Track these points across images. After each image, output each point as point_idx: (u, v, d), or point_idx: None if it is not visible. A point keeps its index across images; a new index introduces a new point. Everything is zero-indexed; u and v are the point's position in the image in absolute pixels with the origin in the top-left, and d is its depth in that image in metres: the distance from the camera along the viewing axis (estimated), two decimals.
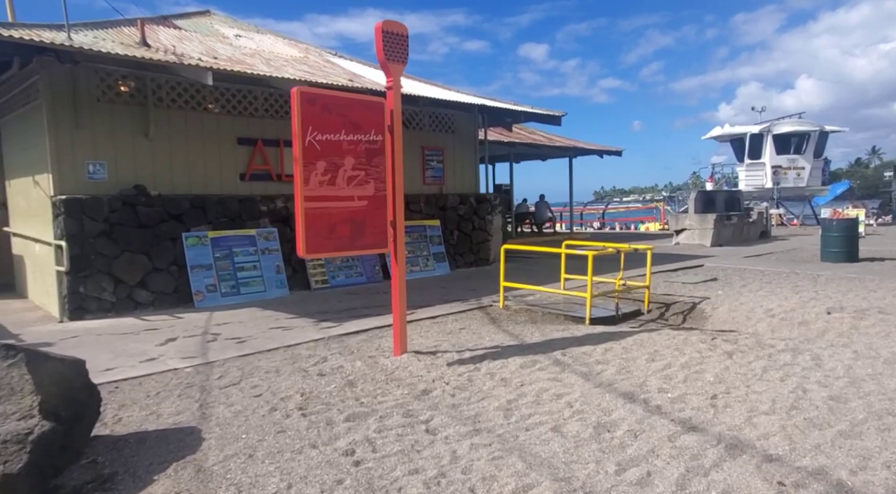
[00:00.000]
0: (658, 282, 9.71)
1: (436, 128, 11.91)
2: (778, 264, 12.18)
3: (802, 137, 24.90)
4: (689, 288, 9.10)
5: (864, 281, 9.26)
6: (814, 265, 11.81)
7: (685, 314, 7.52)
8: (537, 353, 5.30)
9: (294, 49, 11.50)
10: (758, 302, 7.61)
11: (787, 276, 10.22)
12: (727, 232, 17.34)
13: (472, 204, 12.21)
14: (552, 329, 6.49)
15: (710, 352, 5.13)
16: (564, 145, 20.68)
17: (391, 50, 5.06)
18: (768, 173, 24.76)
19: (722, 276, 10.37)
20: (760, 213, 19.29)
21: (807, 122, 25.61)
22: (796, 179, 25.00)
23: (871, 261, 12.03)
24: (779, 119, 26.09)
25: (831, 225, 12.44)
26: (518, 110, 11.83)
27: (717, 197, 18.48)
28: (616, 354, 5.16)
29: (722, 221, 17.07)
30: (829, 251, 12.30)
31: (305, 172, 4.60)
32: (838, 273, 10.41)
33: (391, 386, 4.56)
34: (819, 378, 4.44)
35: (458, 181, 12.41)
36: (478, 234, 12.30)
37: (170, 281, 8.04)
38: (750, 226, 18.53)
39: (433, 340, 6.05)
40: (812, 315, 6.62)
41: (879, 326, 5.99)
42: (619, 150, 21.63)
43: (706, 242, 16.75)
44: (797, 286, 8.97)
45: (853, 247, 12.26)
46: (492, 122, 13.48)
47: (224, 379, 4.84)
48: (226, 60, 8.58)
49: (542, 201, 22.56)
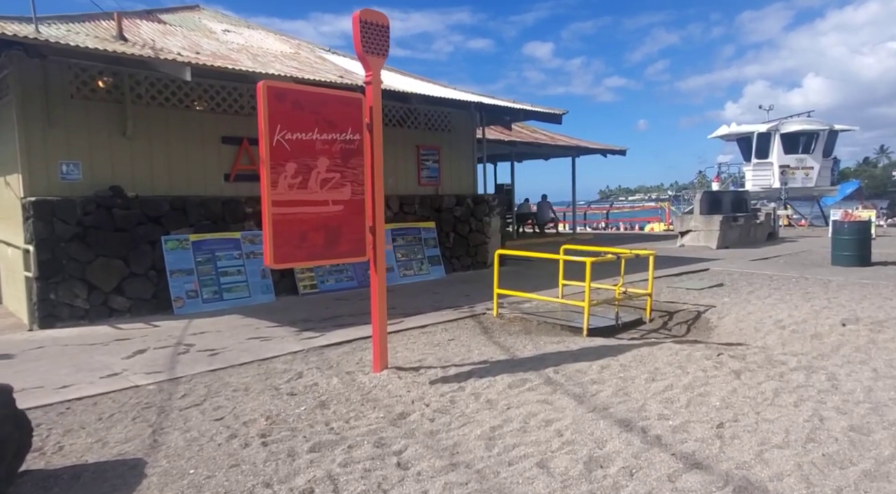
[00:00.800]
0: (661, 288, 9.29)
1: (432, 126, 11.51)
2: (787, 268, 11.72)
3: (811, 136, 24.34)
4: (694, 294, 8.68)
5: (879, 288, 8.82)
6: (824, 269, 11.35)
7: (689, 324, 7.10)
8: (528, 370, 4.90)
9: (285, 45, 11.13)
10: (767, 311, 7.19)
11: (797, 282, 9.77)
12: (733, 233, 16.88)
13: (470, 205, 11.81)
14: (547, 341, 6.08)
15: (715, 371, 4.72)
16: (567, 144, 20.24)
17: (370, 41, 4.67)
18: (776, 173, 24.22)
19: (728, 281, 9.93)
20: (768, 214, 18.81)
21: (816, 121, 25.05)
22: (804, 179, 24.45)
23: (884, 266, 11.56)
24: (787, 118, 25.52)
25: (842, 227, 11.98)
26: (517, 108, 11.42)
27: (724, 197, 18.00)
28: (613, 372, 4.75)
29: (728, 223, 16.60)
30: (841, 254, 11.84)
31: (273, 175, 4.21)
32: (850, 278, 9.96)
33: (366, 408, 4.17)
34: (837, 403, 4.03)
35: (455, 181, 12.01)
36: (475, 237, 11.89)
37: (148, 286, 7.67)
38: (757, 227, 18.06)
39: (418, 353, 5.65)
40: (825, 326, 6.19)
41: None
42: (623, 150, 21.18)
43: (712, 244, 16.29)
44: (808, 292, 8.54)
45: (865, 250, 11.80)
46: (490, 121, 13.07)
47: (187, 398, 4.46)
48: (208, 56, 8.20)
49: (545, 201, 22.14)
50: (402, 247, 10.60)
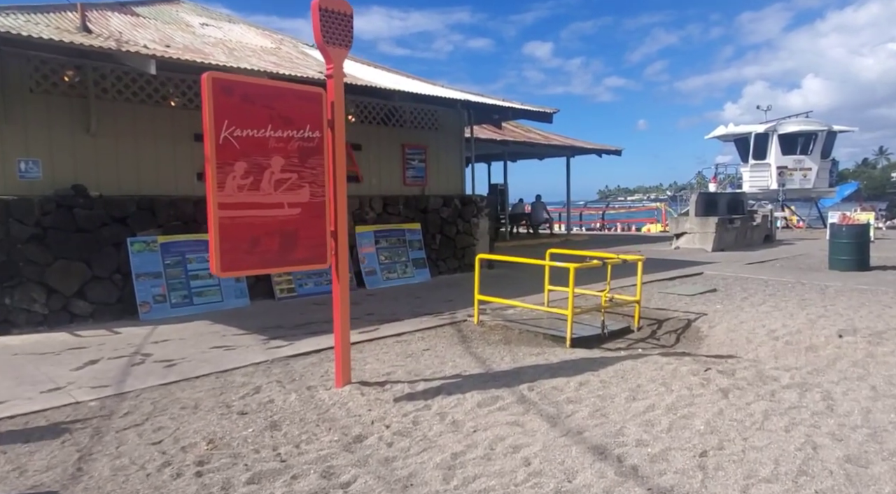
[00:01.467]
0: (652, 293, 8.96)
1: (418, 124, 11.16)
2: (783, 272, 11.39)
3: (809, 137, 24.02)
4: (686, 301, 8.34)
5: (878, 295, 8.49)
6: (821, 274, 11.03)
7: (679, 333, 6.77)
8: (501, 386, 4.56)
9: (266, 40, 10.77)
10: (760, 319, 6.85)
11: (793, 287, 9.44)
12: (729, 236, 16.55)
13: (457, 206, 11.46)
14: (526, 352, 5.74)
15: (701, 389, 4.38)
16: (561, 144, 19.91)
17: (331, 31, 4.32)
18: (773, 174, 23.90)
19: (722, 287, 9.60)
20: (765, 216, 18.48)
21: (814, 122, 24.74)
22: (802, 181, 24.14)
23: (883, 271, 11.24)
24: (785, 118, 25.20)
25: (840, 230, 11.66)
26: (505, 106, 11.07)
27: (720, 199, 17.67)
28: (592, 390, 4.41)
29: (724, 225, 16.27)
30: (838, 259, 11.52)
31: (220, 175, 3.85)
32: (848, 283, 9.63)
33: (320, 430, 3.83)
34: (832, 427, 3.69)
35: (442, 181, 11.66)
36: (462, 238, 11.55)
37: (112, 290, 7.32)
38: (754, 229, 17.74)
39: (388, 365, 5.31)
40: (821, 338, 5.86)
41: None
42: (619, 150, 20.84)
43: (707, 247, 15.97)
44: (804, 299, 8.21)
45: (864, 254, 11.48)
46: (479, 119, 12.71)
47: (129, 416, 4.11)
48: (180, 49, 7.85)
49: (539, 201, 21.80)
50: (385, 250, 10.25)
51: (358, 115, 10.27)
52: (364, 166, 10.38)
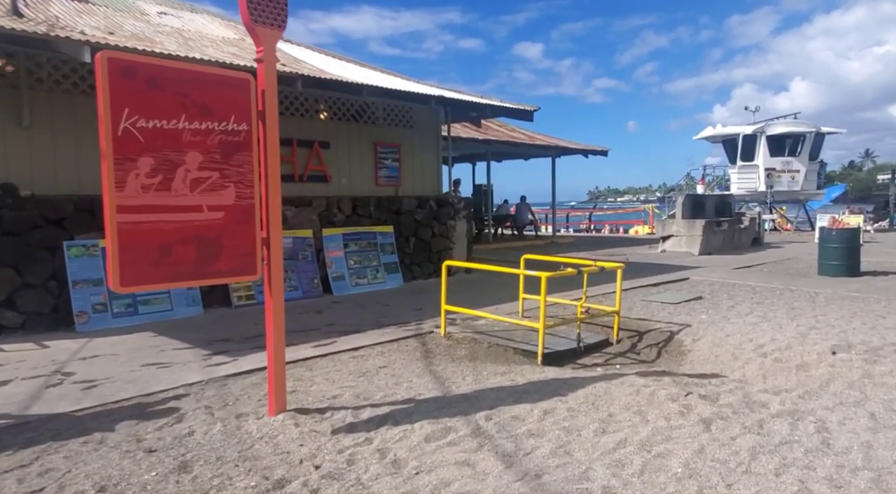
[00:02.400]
0: (634, 301, 8.47)
1: (391, 122, 10.61)
2: (771, 278, 10.97)
3: (797, 139, 23.72)
4: (669, 310, 7.85)
5: (870, 303, 8.05)
6: (811, 280, 10.61)
7: (660, 347, 6.27)
8: (456, 414, 4.02)
9: (230, 31, 10.17)
10: (747, 332, 6.36)
11: (782, 294, 9.00)
12: (716, 239, 16.15)
13: (433, 207, 10.92)
14: (492, 371, 5.21)
15: (681, 419, 3.86)
16: (546, 144, 19.43)
17: (260, 9, 3.77)
18: (761, 176, 23.57)
19: (708, 294, 9.14)
20: (752, 219, 18.10)
21: (802, 123, 24.45)
22: (790, 183, 23.83)
23: (873, 276, 10.84)
24: (773, 119, 24.89)
25: (830, 235, 11.25)
26: (483, 103, 10.54)
27: (707, 201, 17.27)
28: (557, 420, 3.88)
29: (711, 228, 15.86)
30: (828, 264, 11.11)
31: (119, 172, 3.29)
32: (839, 290, 9.21)
33: (238, 473, 3.27)
34: (829, 469, 3.18)
35: (418, 182, 11.12)
36: (438, 242, 11.01)
37: (47, 299, 6.71)
38: (741, 232, 17.35)
39: (337, 386, 4.76)
40: (813, 355, 5.38)
41: None
42: (605, 150, 20.40)
43: (694, 250, 15.55)
44: (793, 309, 7.75)
45: (854, 259, 11.08)
46: (457, 117, 12.18)
47: (18, 454, 3.52)
48: (126, 37, 7.24)
49: (524, 202, 21.33)
50: (355, 254, 9.69)
51: (327, 112, 9.70)
52: (333, 165, 9.82)
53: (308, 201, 9.25)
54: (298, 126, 9.34)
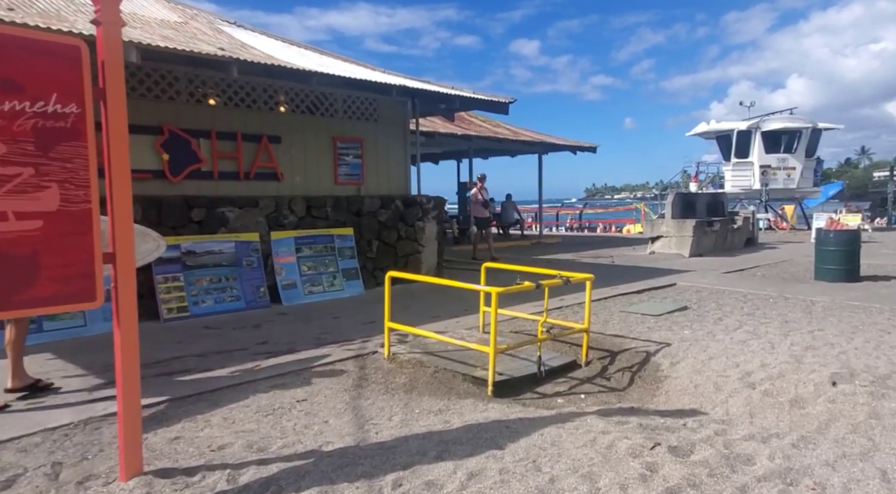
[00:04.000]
0: (612, 313, 7.64)
1: (353, 115, 9.74)
2: (764, 284, 10.15)
3: (794, 135, 22.90)
4: (650, 323, 7.02)
5: (872, 315, 7.24)
6: (807, 285, 9.80)
7: (634, 371, 5.43)
8: (359, 478, 3.17)
9: (174, 14, 9.28)
10: (734, 353, 5.53)
11: (775, 303, 8.17)
12: (708, 240, 15.33)
13: (399, 208, 10.06)
14: (427, 408, 4.36)
15: (641, 487, 3.02)
16: (531, 140, 18.56)
17: None
18: (756, 173, 22.76)
19: (695, 303, 8.31)
20: (746, 219, 17.29)
21: (798, 119, 23.62)
22: (786, 180, 23.03)
23: (874, 281, 10.04)
24: (769, 115, 24.06)
25: (828, 237, 10.43)
26: (452, 94, 9.67)
27: (698, 200, 16.45)
28: (482, 490, 3.03)
29: (702, 228, 15.04)
30: (825, 268, 10.30)
31: None
32: (837, 298, 8.39)
33: None
34: None
35: (383, 180, 10.26)
36: (404, 245, 10.15)
37: None
38: (734, 232, 16.54)
39: (231, 431, 3.91)
40: (809, 386, 4.54)
41: None
42: (594, 146, 19.55)
43: (684, 252, 14.73)
44: (787, 322, 6.93)
45: (854, 263, 10.27)
46: (427, 110, 11.29)
47: None
48: (33, 14, 6.36)
49: (509, 201, 20.48)
50: (308, 259, 8.82)
51: (279, 103, 8.81)
52: (285, 162, 8.95)
53: (254, 201, 8.38)
54: (244, 118, 8.46)
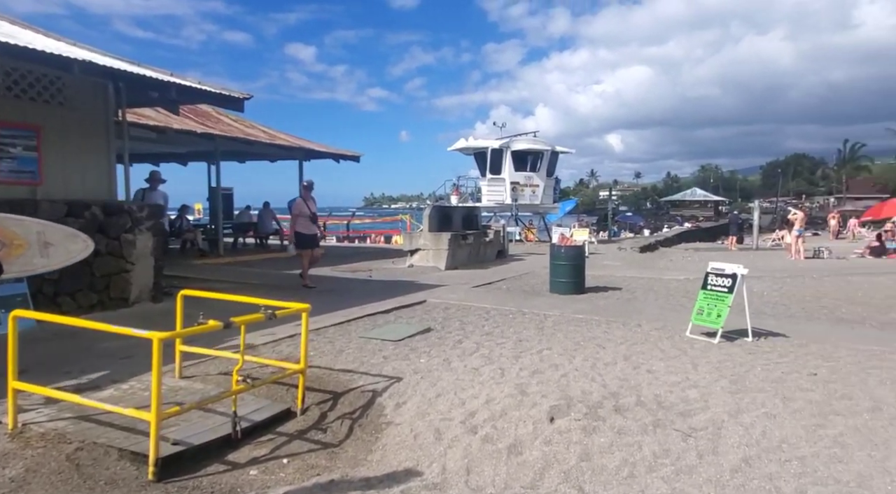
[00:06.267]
0: (351, 339, 6.86)
1: (21, 94, 7.44)
2: (507, 298, 10.44)
3: (537, 155, 25.39)
4: (388, 352, 6.37)
5: (591, 328, 7.64)
6: (543, 299, 10.30)
7: (355, 418, 4.64)
8: None
9: None
10: (464, 387, 5.10)
11: (513, 319, 8.26)
12: (463, 252, 15.75)
13: (97, 216, 8.00)
14: None
15: None
16: (290, 144, 17.25)
17: None
18: (508, 189, 24.67)
19: (440, 322, 7.99)
20: (497, 232, 18.33)
21: (540, 141, 26.30)
22: (532, 196, 25.39)
23: (596, 293, 11.01)
24: (516, 136, 26.37)
25: (560, 252, 11.19)
26: (166, 81, 7.97)
27: (455, 213, 16.91)
28: None
29: (458, 241, 15.39)
30: (558, 281, 11.02)
31: None
32: (566, 311, 8.84)
33: None
34: None
35: (73, 181, 8.09)
36: (106, 262, 8.12)
37: None
38: (487, 245, 17.34)
39: None
40: (529, 425, 4.21)
41: (618, 453, 3.74)
42: (357, 155, 19.01)
43: (441, 265, 14.86)
44: (521, 341, 6.89)
45: (580, 276, 11.15)
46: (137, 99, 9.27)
47: None
48: None
49: (267, 209, 18.87)
50: None
51: None
52: None
53: None
54: None
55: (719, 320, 6.75)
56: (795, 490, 3.21)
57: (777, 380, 5.21)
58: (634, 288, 11.54)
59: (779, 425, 4.15)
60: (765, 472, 3.43)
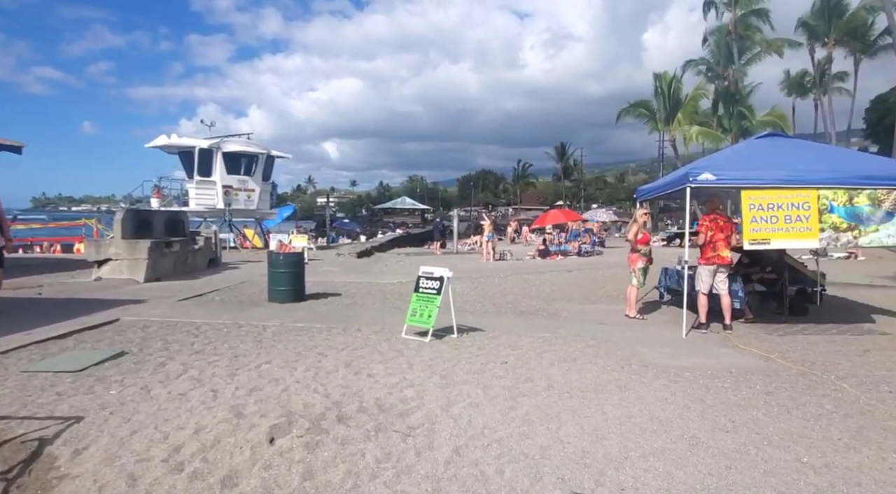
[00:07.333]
0: (9, 376, 5.43)
1: None
2: (221, 310, 9.63)
3: (252, 158, 24.23)
4: (64, 386, 5.20)
5: (314, 337, 7.52)
6: (261, 309, 9.78)
7: (11, 479, 3.61)
8: None
9: None
10: (167, 417, 4.43)
11: (228, 334, 7.63)
12: (167, 262, 14.04)
13: None
14: None
15: None
16: None
17: None
18: (220, 193, 22.94)
19: (138, 344, 6.91)
20: (208, 239, 16.86)
21: (255, 144, 25.19)
22: (247, 201, 24.12)
23: (317, 299, 10.93)
24: (228, 136, 24.75)
25: (278, 259, 10.79)
26: None
27: (156, 218, 14.99)
28: None
29: (160, 249, 13.65)
30: (277, 290, 10.60)
31: None
32: (286, 321, 8.54)
33: None
34: None
35: None
36: None
37: None
38: (196, 253, 15.80)
39: None
40: (246, 450, 3.85)
41: (342, 465, 3.68)
42: (17, 145, 15.34)
43: (139, 277, 12.97)
44: (237, 357, 6.38)
45: (300, 284, 10.94)
46: None
47: None
48: None
49: None
50: None
51: None
52: None
53: None
54: None
55: (430, 320, 7.30)
56: (496, 471, 3.59)
57: (478, 371, 5.84)
58: (354, 293, 11.82)
59: (481, 412, 4.62)
60: (472, 459, 3.76)
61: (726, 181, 7.46)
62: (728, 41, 41.05)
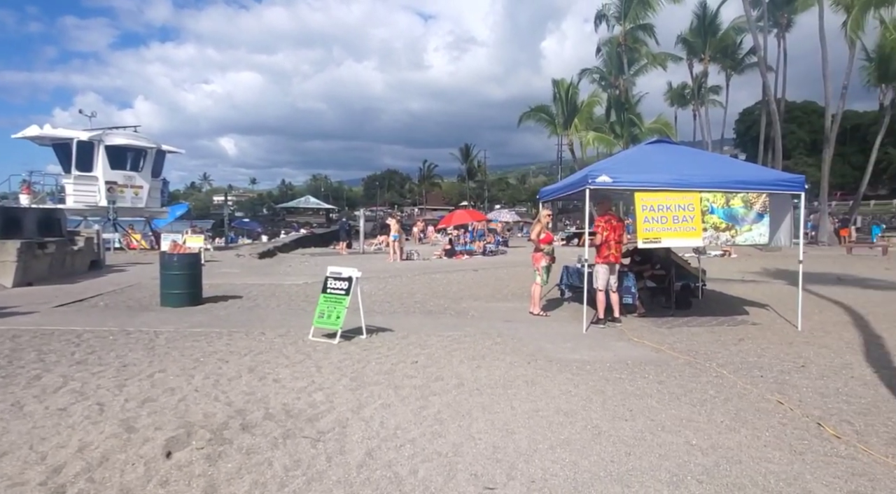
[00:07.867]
0: None
1: None
2: (105, 316, 8.88)
3: (139, 153, 22.51)
4: None
5: (213, 342, 7.13)
6: (153, 314, 9.12)
7: None
8: None
9: None
10: (44, 435, 4.00)
11: (115, 342, 7.04)
12: (41, 265, 12.74)
13: None
14: None
15: None
16: None
17: None
18: (102, 189, 21.10)
19: (6, 356, 6.24)
20: (90, 239, 15.48)
21: (143, 138, 23.43)
22: (134, 199, 22.37)
23: (215, 302, 10.35)
24: (112, 128, 22.83)
25: (172, 261, 10.10)
26: None
27: (26, 216, 13.55)
28: None
29: (32, 251, 12.35)
30: (171, 293, 9.93)
31: None
32: (182, 326, 8.02)
33: None
34: None
35: None
36: None
37: None
38: (75, 255, 14.46)
39: None
40: (139, 466, 3.56)
41: (247, 476, 3.49)
42: None
43: (7, 281, 11.69)
44: (125, 366, 5.90)
45: (196, 286, 10.31)
46: None
47: None
48: None
49: None
50: None
51: None
52: None
53: None
54: None
55: (338, 321, 7.15)
56: (410, 472, 3.57)
57: (388, 372, 5.79)
58: (256, 296, 11.32)
59: (393, 413, 4.58)
60: (385, 460, 3.72)
61: (622, 184, 7.92)
62: (619, 52, 43.68)
